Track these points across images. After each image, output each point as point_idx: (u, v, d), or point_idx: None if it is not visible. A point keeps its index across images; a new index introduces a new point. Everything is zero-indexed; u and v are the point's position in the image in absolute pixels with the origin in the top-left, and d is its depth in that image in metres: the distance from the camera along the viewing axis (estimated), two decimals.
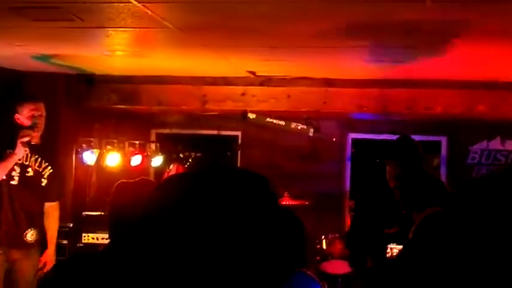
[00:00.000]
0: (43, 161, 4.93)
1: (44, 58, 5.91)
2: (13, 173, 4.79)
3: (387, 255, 3.47)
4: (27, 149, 4.70)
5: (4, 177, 4.74)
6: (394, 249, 3.43)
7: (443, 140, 8.20)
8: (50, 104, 6.65)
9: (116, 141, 7.03)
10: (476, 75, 6.00)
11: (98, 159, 6.76)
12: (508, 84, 6.15)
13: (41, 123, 4.86)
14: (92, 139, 6.89)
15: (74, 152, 6.88)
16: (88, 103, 6.96)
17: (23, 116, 4.80)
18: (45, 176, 4.96)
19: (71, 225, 6.30)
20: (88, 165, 6.81)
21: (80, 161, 6.82)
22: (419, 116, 6.95)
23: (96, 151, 6.76)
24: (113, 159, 6.77)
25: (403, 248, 2.54)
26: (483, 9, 3.68)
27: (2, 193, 4.78)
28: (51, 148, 5.27)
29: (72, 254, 5.90)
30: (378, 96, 6.51)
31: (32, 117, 4.79)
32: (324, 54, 5.30)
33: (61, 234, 6.05)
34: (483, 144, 8.14)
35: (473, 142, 8.15)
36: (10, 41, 5.11)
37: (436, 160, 8.20)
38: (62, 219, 6.52)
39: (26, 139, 4.64)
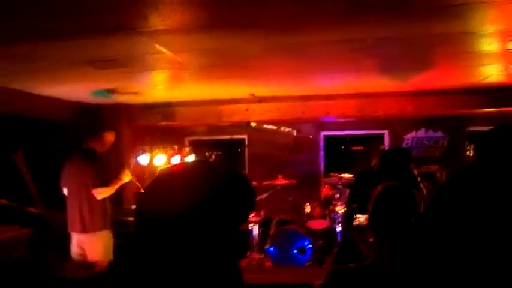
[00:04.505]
0: None
1: (103, 94, 5.80)
2: None
3: (355, 222, 3.24)
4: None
5: None
6: (359, 218, 3.21)
7: (386, 133, 8.14)
8: (116, 123, 6.71)
9: (161, 146, 7.00)
10: (405, 88, 5.97)
11: (150, 160, 6.74)
12: (427, 91, 6.12)
13: None
14: (145, 146, 6.91)
15: (134, 155, 6.89)
16: (141, 122, 6.93)
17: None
18: None
19: (134, 206, 6.28)
20: (143, 165, 6.80)
21: (137, 161, 6.81)
22: (367, 117, 6.90)
23: (148, 154, 6.76)
24: (160, 159, 6.74)
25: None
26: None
27: None
28: None
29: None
30: (339, 105, 6.47)
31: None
32: (300, 79, 5.26)
33: (128, 213, 6.07)
34: (412, 133, 8.08)
35: (405, 133, 8.08)
36: (85, 83, 5.10)
37: (382, 146, 8.15)
38: (128, 201, 6.55)
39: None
